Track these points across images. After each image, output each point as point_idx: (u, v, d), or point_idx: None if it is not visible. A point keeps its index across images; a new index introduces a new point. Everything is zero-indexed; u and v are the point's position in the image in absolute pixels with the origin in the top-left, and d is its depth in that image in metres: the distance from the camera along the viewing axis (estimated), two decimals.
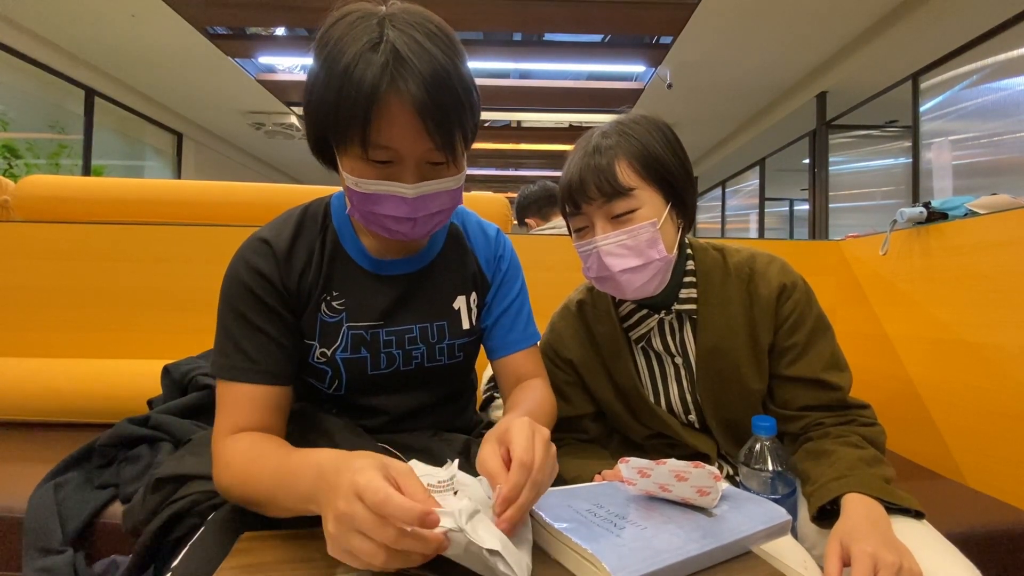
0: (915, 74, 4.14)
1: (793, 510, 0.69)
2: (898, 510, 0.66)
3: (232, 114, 6.14)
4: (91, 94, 4.95)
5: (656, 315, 0.82)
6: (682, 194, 0.76)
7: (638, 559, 0.43)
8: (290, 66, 5.30)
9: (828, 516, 0.66)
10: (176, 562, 0.55)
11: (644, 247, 0.73)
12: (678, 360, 0.84)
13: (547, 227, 2.16)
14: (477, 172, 8.84)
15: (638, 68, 5.18)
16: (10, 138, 4.24)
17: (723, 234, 7.84)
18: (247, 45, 4.67)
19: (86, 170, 4.88)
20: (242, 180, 2.29)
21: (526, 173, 8.81)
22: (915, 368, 1.29)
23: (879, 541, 0.57)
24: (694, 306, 0.81)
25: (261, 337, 0.64)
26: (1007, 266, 1.06)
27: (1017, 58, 3.35)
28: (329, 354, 0.69)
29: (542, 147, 7.48)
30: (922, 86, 4.13)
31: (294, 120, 6.15)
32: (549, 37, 4.76)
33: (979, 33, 3.52)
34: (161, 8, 3.89)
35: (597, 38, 4.73)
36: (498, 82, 5.42)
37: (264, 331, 0.64)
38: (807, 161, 5.47)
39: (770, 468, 0.68)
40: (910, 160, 4.21)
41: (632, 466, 0.55)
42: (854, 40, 4.23)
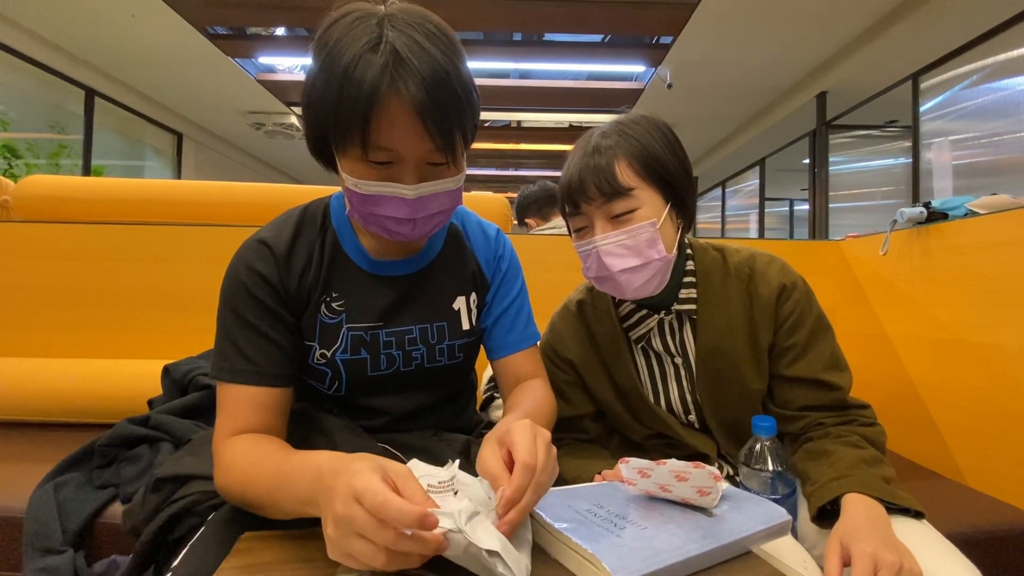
0: (915, 74, 4.14)
1: (793, 510, 0.69)
2: (898, 510, 0.66)
3: (232, 114, 6.14)
4: (91, 94, 4.95)
5: (656, 315, 0.82)
6: (682, 194, 0.76)
7: (638, 559, 0.43)
8: (290, 66, 5.30)
9: (828, 516, 0.67)
10: (176, 562, 0.55)
11: (644, 247, 0.73)
12: (678, 360, 0.84)
13: (547, 227, 2.16)
14: (477, 172, 8.84)
15: (638, 68, 5.18)
16: (10, 138, 4.24)
17: (723, 234, 7.83)
18: (247, 45, 4.67)
19: (86, 170, 4.88)
20: (242, 180, 2.30)
21: (526, 173, 8.80)
22: (915, 368, 1.30)
23: (879, 541, 0.57)
24: (694, 306, 0.81)
25: (261, 339, 0.64)
26: (1007, 266, 1.06)
27: (1017, 58, 3.35)
28: (329, 355, 0.69)
29: (542, 147, 7.47)
30: (922, 86, 4.13)
31: (294, 120, 6.15)
32: (549, 37, 4.76)
33: (979, 33, 3.52)
34: (161, 8, 3.90)
35: (597, 38, 4.73)
36: (498, 82, 5.42)
37: (264, 333, 0.64)
38: (807, 161, 5.47)
39: (770, 468, 0.68)
40: (910, 160, 4.21)
41: (632, 466, 0.55)
42: (854, 40, 4.23)
